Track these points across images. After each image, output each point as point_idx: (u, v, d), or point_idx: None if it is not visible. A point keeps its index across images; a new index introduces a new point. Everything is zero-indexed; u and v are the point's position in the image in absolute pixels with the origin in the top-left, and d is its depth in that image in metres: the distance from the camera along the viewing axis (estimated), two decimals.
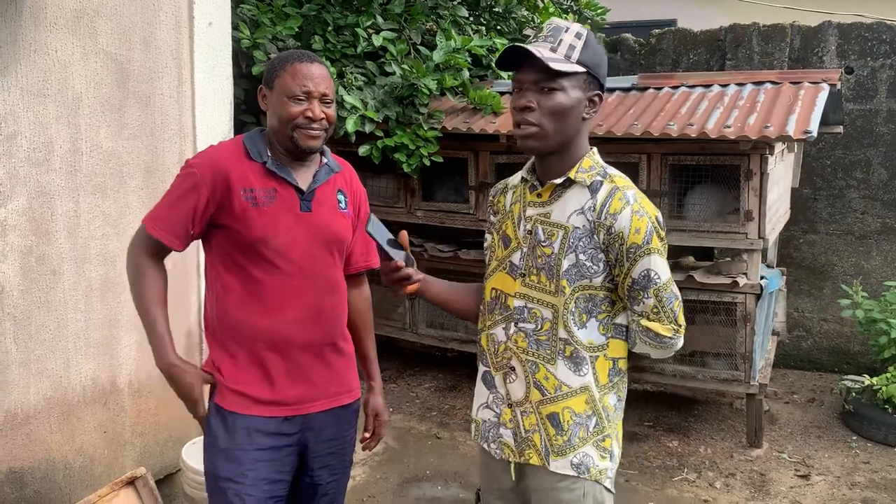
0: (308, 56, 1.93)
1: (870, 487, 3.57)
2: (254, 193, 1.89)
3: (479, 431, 1.85)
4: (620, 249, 1.65)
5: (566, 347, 1.69)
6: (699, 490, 3.54)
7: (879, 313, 4.19)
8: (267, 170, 1.91)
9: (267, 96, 1.94)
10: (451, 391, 4.73)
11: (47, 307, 2.65)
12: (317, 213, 1.96)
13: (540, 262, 1.70)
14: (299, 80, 1.88)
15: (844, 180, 4.97)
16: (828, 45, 4.93)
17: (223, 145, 1.98)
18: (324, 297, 1.98)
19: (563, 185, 1.71)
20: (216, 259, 1.95)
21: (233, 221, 1.88)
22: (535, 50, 1.60)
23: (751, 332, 3.76)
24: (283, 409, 1.94)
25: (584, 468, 1.70)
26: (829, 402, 4.56)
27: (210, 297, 1.98)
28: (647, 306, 1.68)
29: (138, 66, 2.88)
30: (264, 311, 1.91)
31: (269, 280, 1.91)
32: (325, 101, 1.92)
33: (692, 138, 3.59)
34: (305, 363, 1.96)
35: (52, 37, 2.57)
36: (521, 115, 1.65)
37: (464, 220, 4.36)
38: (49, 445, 2.70)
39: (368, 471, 3.70)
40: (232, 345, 1.94)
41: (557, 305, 1.68)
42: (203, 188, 1.87)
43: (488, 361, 1.81)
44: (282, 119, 1.88)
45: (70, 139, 2.67)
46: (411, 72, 4.07)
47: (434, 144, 4.18)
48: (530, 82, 1.64)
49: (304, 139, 1.90)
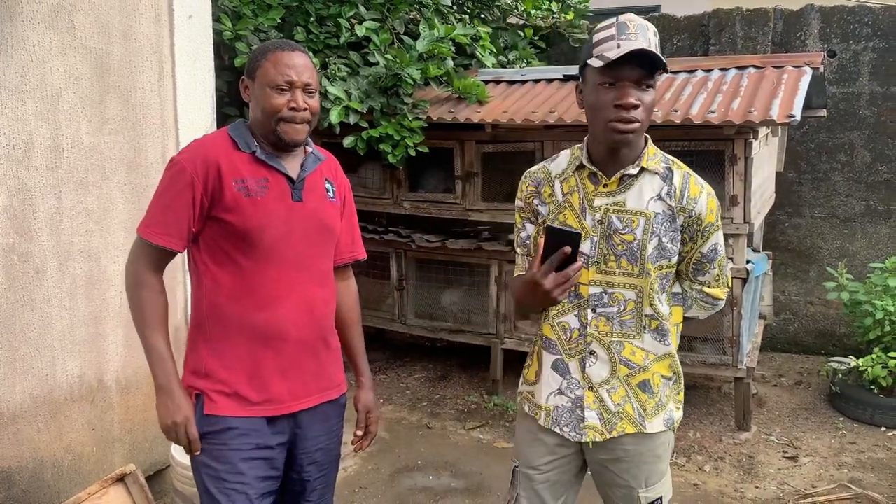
0: (290, 45, 1.89)
1: (856, 467, 3.61)
2: (245, 184, 1.85)
3: (549, 417, 1.89)
4: (698, 229, 1.81)
5: (652, 322, 1.82)
6: (689, 474, 3.57)
7: (864, 295, 4.22)
8: (256, 159, 1.88)
9: (249, 87, 1.91)
10: (441, 381, 4.74)
11: (31, 305, 2.63)
12: (308, 201, 1.93)
13: (620, 248, 1.78)
14: (282, 69, 1.84)
15: (828, 163, 4.99)
16: (810, 29, 4.94)
17: (208, 138, 1.94)
18: (316, 289, 1.96)
19: (635, 174, 1.79)
20: (205, 253, 1.90)
21: (225, 213, 1.84)
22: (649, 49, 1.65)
23: (738, 317, 3.78)
24: (275, 408, 1.91)
25: (671, 422, 1.88)
26: (816, 384, 4.60)
27: (199, 291, 1.93)
28: (711, 276, 1.88)
29: (118, 61, 2.85)
30: (259, 305, 1.87)
31: (263, 272, 1.87)
32: (309, 91, 1.88)
33: (676, 124, 3.60)
34: (298, 359, 1.93)
35: (28, 31, 2.54)
36: (627, 113, 1.69)
37: (451, 209, 4.36)
38: (36, 444, 2.69)
39: (360, 462, 3.70)
40: (222, 342, 1.89)
41: (643, 286, 1.79)
42: (197, 182, 1.82)
43: (558, 349, 1.87)
44: (265, 110, 1.85)
45: (50, 135, 2.64)
46: (395, 62, 4.05)
47: (419, 135, 4.17)
48: (633, 80, 1.69)
49: (289, 132, 1.86)
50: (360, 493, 3.42)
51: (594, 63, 1.69)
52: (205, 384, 1.89)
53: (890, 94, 4.80)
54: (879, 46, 4.78)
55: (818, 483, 3.46)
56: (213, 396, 1.88)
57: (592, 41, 1.73)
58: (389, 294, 4.70)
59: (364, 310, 4.89)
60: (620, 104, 1.68)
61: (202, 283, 1.91)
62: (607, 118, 1.70)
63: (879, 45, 4.78)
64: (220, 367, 1.89)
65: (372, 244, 4.69)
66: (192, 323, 1.98)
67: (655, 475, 1.89)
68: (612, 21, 1.72)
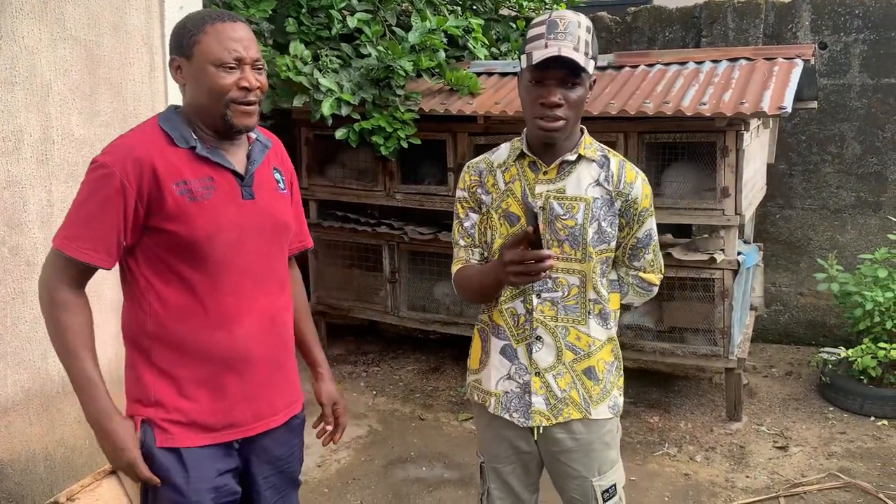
0: (230, 15, 1.66)
1: (846, 457, 3.64)
2: (189, 186, 1.62)
3: (498, 403, 1.93)
4: (634, 213, 1.89)
5: (595, 307, 1.89)
6: (680, 464, 3.59)
7: (854, 286, 4.25)
8: (197, 156, 1.64)
9: (183, 67, 1.64)
10: (434, 373, 4.75)
11: (22, 298, 2.62)
12: (259, 199, 1.72)
13: (562, 234, 1.84)
14: (227, 43, 1.60)
15: (819, 155, 5.01)
16: (801, 21, 4.95)
17: (138, 135, 1.67)
18: (276, 297, 1.77)
19: (573, 161, 1.85)
20: (145, 267, 1.66)
21: (167, 222, 1.61)
22: (570, 55, 1.69)
23: (729, 308, 3.80)
24: (236, 432, 1.72)
25: (616, 408, 1.96)
26: (807, 374, 4.63)
27: (137, 313, 1.68)
28: (646, 261, 1.96)
29: (109, 52, 2.84)
30: (215, 325, 1.66)
31: (217, 286, 1.65)
32: (257, 67, 1.66)
33: (668, 116, 3.60)
34: (264, 379, 1.74)
35: (18, 23, 2.52)
36: (551, 111, 1.75)
37: (443, 202, 4.36)
38: (29, 437, 2.68)
39: (353, 453, 3.71)
40: (175, 367, 1.67)
41: (586, 271, 1.86)
42: (129, 189, 1.57)
43: (507, 335, 1.92)
44: (212, 93, 1.61)
45: (40, 127, 2.63)
46: (387, 53, 4.04)
47: (411, 126, 4.17)
48: (557, 79, 1.73)
49: (240, 117, 1.64)
50: (353, 485, 3.43)
51: (523, 62, 1.76)
52: (154, 413, 1.67)
53: (880, 85, 4.82)
54: (870, 38, 4.80)
55: (808, 472, 3.49)
56: (167, 426, 1.67)
57: (526, 36, 1.78)
58: (382, 286, 4.70)
59: (357, 302, 4.91)
60: (544, 102, 1.74)
61: (144, 301, 1.67)
62: (534, 114, 1.77)
63: (870, 37, 4.80)
64: (173, 395, 1.67)
65: (364, 236, 4.70)
66: (129, 346, 1.74)
67: (607, 463, 1.94)
68: (545, 17, 1.77)
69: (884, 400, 4.02)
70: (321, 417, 2.02)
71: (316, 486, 3.40)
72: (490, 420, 1.98)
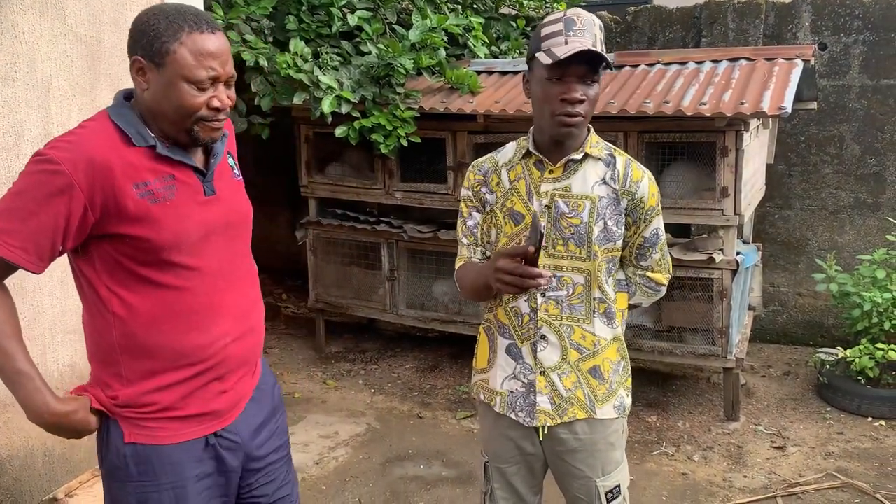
0: (206, 20, 1.51)
1: (843, 457, 3.64)
2: (149, 187, 1.50)
3: (504, 402, 1.93)
4: (640, 212, 1.88)
5: (600, 306, 1.88)
6: (678, 463, 3.59)
7: (853, 287, 4.25)
8: (156, 154, 1.53)
9: (149, 72, 1.49)
10: (433, 371, 4.75)
11: (22, 294, 2.62)
12: (221, 192, 1.63)
13: (567, 232, 1.84)
14: (204, 60, 1.47)
15: (818, 156, 5.01)
16: (802, 21, 4.96)
17: (90, 132, 1.52)
18: (247, 292, 1.70)
19: (580, 159, 1.85)
20: (104, 275, 1.54)
21: (128, 227, 1.49)
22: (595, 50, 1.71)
23: (727, 308, 3.81)
24: (213, 425, 1.63)
25: (622, 408, 1.94)
26: (805, 374, 4.64)
27: (101, 324, 1.57)
28: (654, 260, 1.95)
29: (109, 48, 2.84)
30: (188, 328, 1.57)
31: (187, 288, 1.56)
32: (229, 84, 1.55)
33: (668, 116, 3.60)
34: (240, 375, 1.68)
35: (19, 18, 2.52)
36: (572, 108, 1.75)
37: (442, 200, 4.36)
38: (27, 433, 2.68)
39: (351, 451, 3.71)
40: (147, 379, 1.57)
41: (591, 269, 1.85)
42: (76, 192, 1.43)
43: (512, 334, 1.92)
44: (182, 110, 1.49)
45: (41, 123, 2.63)
46: (387, 51, 4.04)
47: (411, 125, 4.16)
48: (578, 76, 1.74)
49: (207, 132, 1.54)
50: (351, 483, 3.44)
51: (543, 59, 1.73)
52: (125, 412, 1.58)
53: (880, 87, 4.82)
54: (870, 39, 4.80)
55: (806, 472, 3.50)
56: (138, 421, 1.57)
57: (541, 35, 1.77)
58: (381, 284, 4.70)
59: (355, 300, 4.91)
60: (566, 98, 1.74)
61: (106, 311, 1.55)
62: (554, 111, 1.77)
63: (870, 38, 4.80)
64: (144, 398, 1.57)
65: (363, 234, 4.70)
66: (95, 362, 1.63)
67: (611, 464, 1.94)
68: (559, 15, 1.76)
69: (881, 400, 4.02)
70: None
71: (314, 484, 3.40)
72: (495, 419, 1.97)
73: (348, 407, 4.23)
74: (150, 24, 1.49)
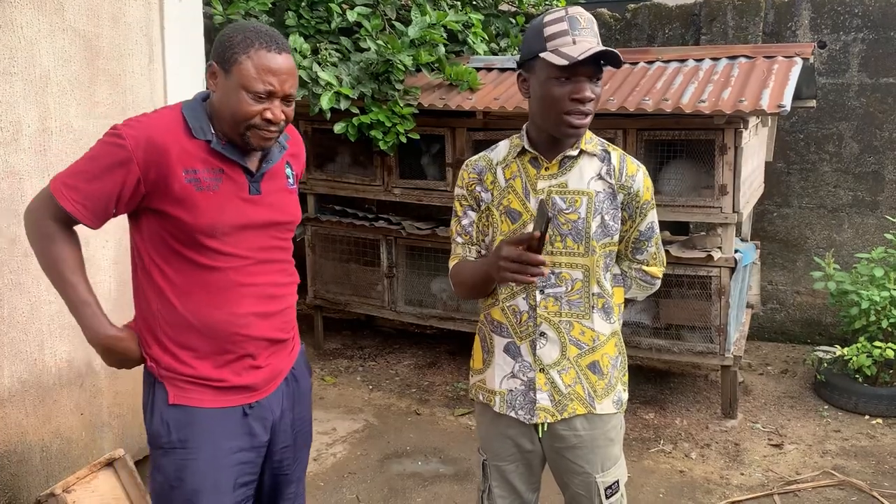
0: (277, 42, 1.68)
1: (840, 455, 3.65)
2: (197, 175, 1.68)
3: (503, 401, 1.93)
4: (636, 206, 1.89)
5: (599, 301, 1.89)
6: (675, 461, 3.60)
7: (851, 285, 4.26)
8: (211, 149, 1.71)
9: (218, 76, 1.69)
10: (431, 368, 4.76)
11: (20, 289, 2.62)
12: (266, 194, 1.79)
13: (565, 228, 1.84)
14: (264, 75, 1.65)
15: (817, 154, 5.02)
16: (801, 19, 4.95)
17: (160, 117, 1.72)
18: (276, 277, 1.84)
19: (575, 156, 1.86)
20: (149, 246, 1.74)
21: (172, 207, 1.67)
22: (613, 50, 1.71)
23: (725, 306, 3.81)
24: (245, 396, 1.79)
25: (620, 403, 1.95)
26: (802, 372, 4.64)
27: (145, 288, 1.77)
28: (649, 254, 1.97)
29: (107, 44, 2.83)
30: (216, 304, 1.73)
31: (218, 269, 1.73)
32: (287, 101, 1.71)
33: (667, 113, 3.60)
34: (265, 353, 1.83)
35: (17, 13, 2.51)
36: (583, 106, 1.75)
37: (441, 197, 4.36)
38: (25, 428, 2.68)
39: (349, 448, 3.72)
40: (179, 340, 1.75)
41: (589, 265, 1.86)
42: (133, 166, 1.64)
43: (509, 332, 1.91)
44: (236, 116, 1.67)
45: (39, 118, 2.62)
46: (386, 48, 4.03)
47: (410, 121, 4.16)
48: (588, 75, 1.74)
49: (258, 140, 1.70)
50: (349, 479, 3.44)
51: (554, 59, 1.71)
52: (166, 372, 1.77)
53: (879, 85, 4.82)
54: (869, 37, 4.80)
55: (803, 470, 3.51)
56: (181, 385, 1.76)
57: (543, 34, 1.75)
58: (379, 281, 4.71)
59: (354, 297, 4.91)
60: (578, 98, 1.73)
61: (150, 279, 1.75)
62: (562, 110, 1.75)
63: (869, 36, 4.80)
64: (182, 367, 1.76)
65: (362, 231, 4.70)
66: (140, 326, 1.82)
67: (610, 459, 1.95)
68: (562, 13, 1.75)
69: (878, 398, 4.03)
70: None
71: (312, 480, 3.40)
72: (494, 418, 1.97)
73: (346, 403, 4.24)
74: (230, 36, 1.68)
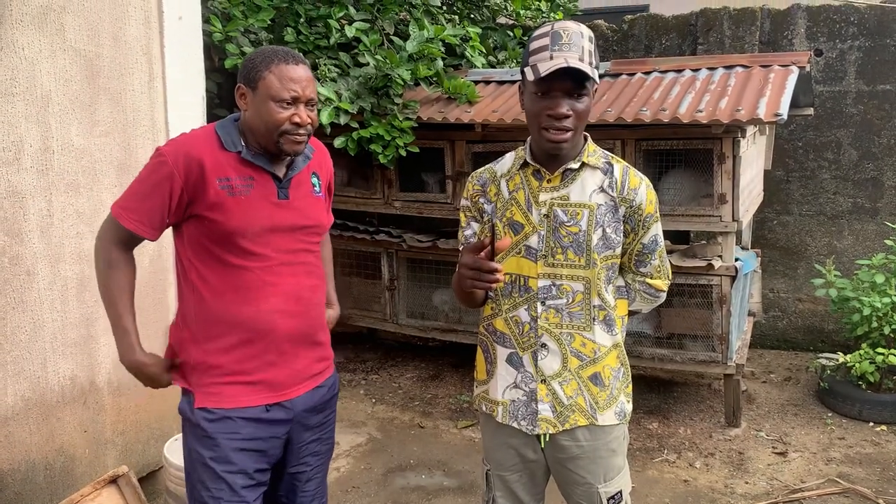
0: (293, 57, 1.89)
1: (845, 462, 3.64)
2: (230, 182, 1.87)
3: (506, 412, 1.94)
4: (639, 219, 1.89)
5: (600, 313, 1.89)
6: (679, 470, 3.59)
7: (852, 292, 4.26)
8: (242, 159, 1.89)
9: (247, 96, 1.90)
10: (433, 380, 4.75)
11: (22, 308, 2.63)
12: (294, 199, 1.96)
13: (566, 240, 1.85)
14: (287, 83, 1.85)
15: (816, 161, 5.03)
16: (797, 28, 4.98)
17: (195, 133, 1.95)
18: (303, 279, 1.99)
19: (577, 168, 1.86)
20: (189, 250, 1.92)
21: (208, 211, 1.86)
22: (577, 65, 1.70)
23: (727, 314, 3.81)
24: (268, 396, 1.93)
25: (623, 415, 1.94)
26: (805, 380, 4.64)
27: (185, 290, 1.95)
28: (653, 267, 1.95)
29: (108, 63, 2.85)
30: (244, 300, 1.90)
31: (248, 269, 1.90)
32: (310, 105, 1.91)
33: (665, 123, 3.62)
34: (290, 351, 1.96)
35: (18, 34, 2.54)
36: (559, 122, 1.76)
37: (441, 209, 4.37)
38: (28, 446, 2.69)
39: (352, 461, 3.71)
40: (209, 339, 1.91)
41: (590, 277, 1.86)
42: (176, 177, 1.84)
43: (512, 343, 1.92)
44: (269, 125, 1.86)
45: (40, 137, 2.64)
46: (385, 62, 4.06)
47: (410, 135, 4.18)
48: (564, 91, 1.74)
49: (291, 145, 1.88)
50: (353, 493, 3.43)
51: (528, 74, 1.75)
52: (195, 379, 1.93)
53: (876, 92, 4.84)
54: (865, 45, 4.83)
55: (807, 478, 3.50)
56: (207, 388, 1.91)
57: (529, 48, 1.77)
58: (381, 294, 4.71)
59: (356, 310, 4.92)
60: (552, 114, 1.75)
61: (189, 279, 1.93)
62: (540, 125, 1.78)
63: (865, 44, 4.83)
64: (209, 361, 1.92)
65: (363, 244, 4.71)
66: (177, 319, 2.00)
67: (613, 470, 1.94)
68: (547, 29, 1.76)
69: (882, 405, 4.02)
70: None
71: None
72: (496, 428, 1.98)
73: (349, 417, 4.23)
74: (251, 58, 1.91)
